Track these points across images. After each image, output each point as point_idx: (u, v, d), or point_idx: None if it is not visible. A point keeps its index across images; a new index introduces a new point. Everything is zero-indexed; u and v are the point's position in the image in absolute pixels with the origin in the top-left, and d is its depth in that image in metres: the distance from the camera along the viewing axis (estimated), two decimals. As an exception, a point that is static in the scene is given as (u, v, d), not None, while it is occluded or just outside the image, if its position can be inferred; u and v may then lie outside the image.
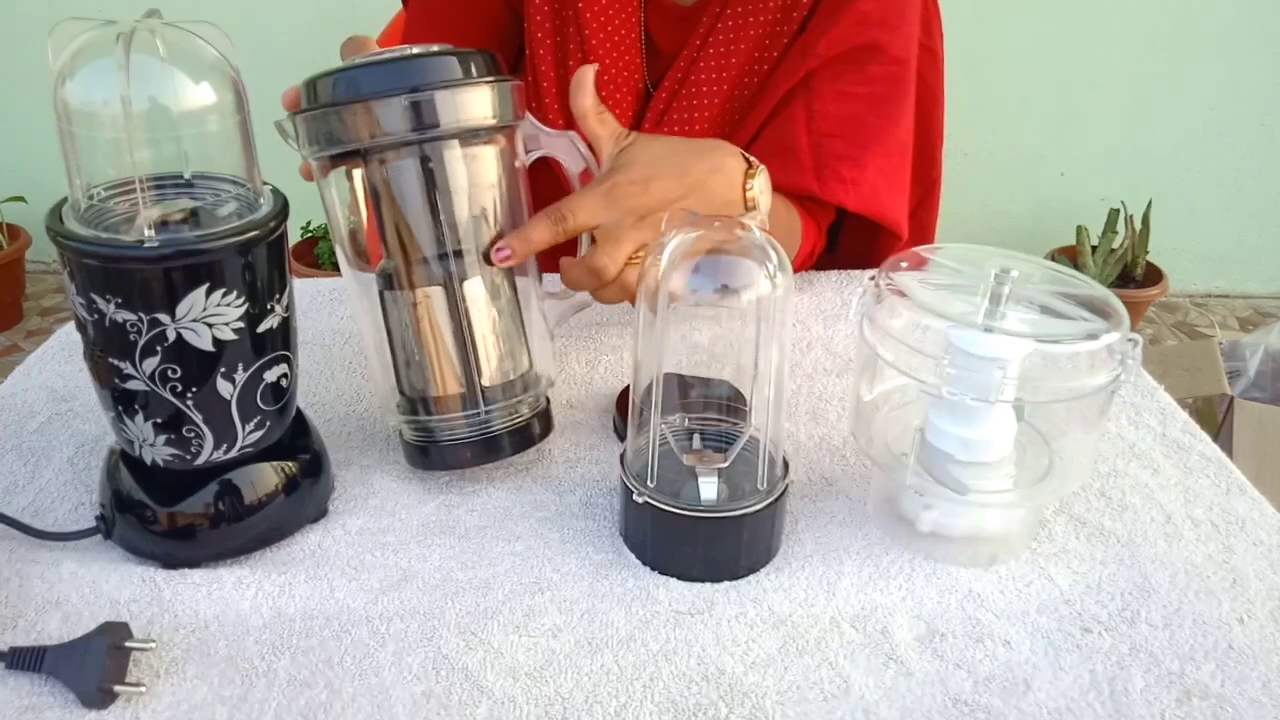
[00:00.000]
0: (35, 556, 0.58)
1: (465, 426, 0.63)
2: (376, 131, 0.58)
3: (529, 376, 0.66)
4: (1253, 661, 0.53)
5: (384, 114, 0.58)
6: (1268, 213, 2.53)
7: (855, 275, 0.94)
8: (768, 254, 0.55)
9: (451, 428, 0.63)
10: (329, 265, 2.27)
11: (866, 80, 0.88)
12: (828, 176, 0.87)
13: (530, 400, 0.65)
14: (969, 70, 2.32)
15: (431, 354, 0.63)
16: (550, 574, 0.58)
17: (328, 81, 0.59)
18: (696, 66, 0.91)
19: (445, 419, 0.63)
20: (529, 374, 0.66)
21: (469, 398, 0.63)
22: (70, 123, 0.51)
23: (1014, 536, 0.60)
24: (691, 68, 0.91)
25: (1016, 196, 2.55)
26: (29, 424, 0.72)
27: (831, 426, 0.72)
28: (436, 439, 0.64)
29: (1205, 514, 0.64)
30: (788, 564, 0.59)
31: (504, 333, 0.64)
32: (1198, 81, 2.39)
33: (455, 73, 0.59)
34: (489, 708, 0.50)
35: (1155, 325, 2.51)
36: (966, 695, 0.51)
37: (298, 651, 0.53)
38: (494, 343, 0.64)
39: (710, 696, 0.50)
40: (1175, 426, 0.73)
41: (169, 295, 0.51)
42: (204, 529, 0.57)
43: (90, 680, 0.49)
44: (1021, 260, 0.57)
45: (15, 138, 2.50)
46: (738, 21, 0.90)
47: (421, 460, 0.65)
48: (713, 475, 0.58)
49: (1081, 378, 0.54)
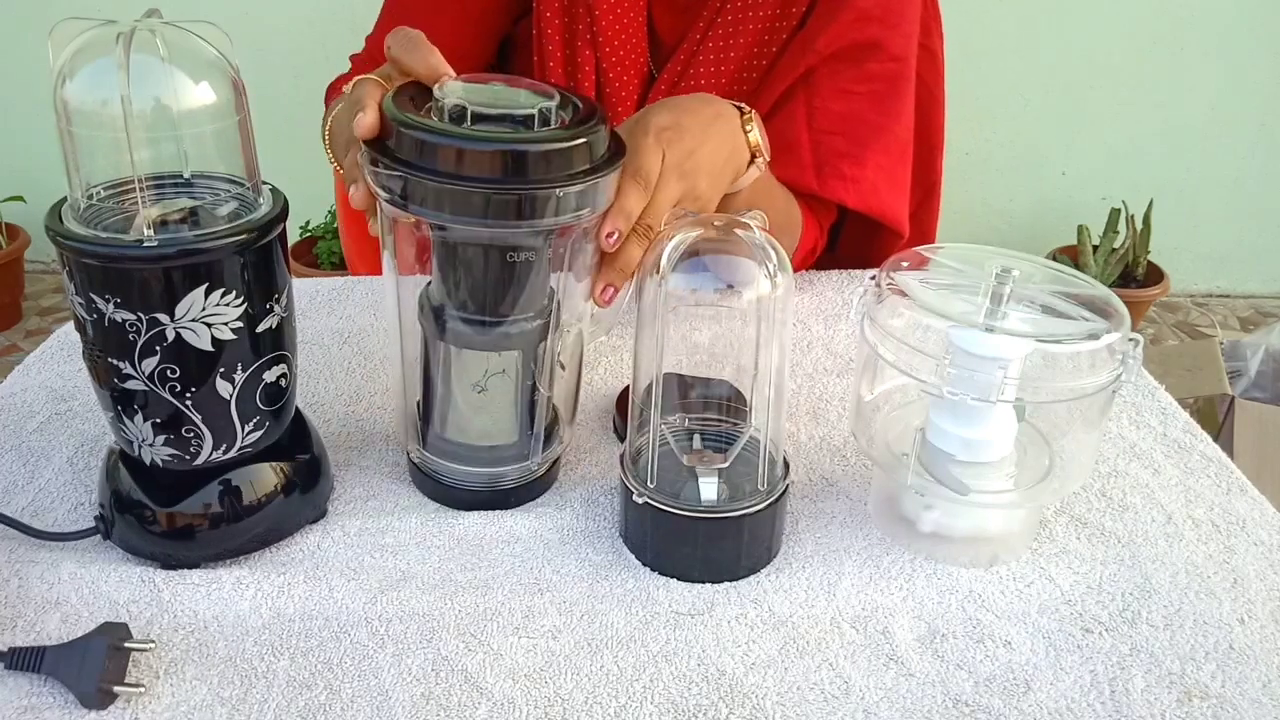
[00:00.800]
0: (35, 557, 0.58)
1: (481, 478, 0.63)
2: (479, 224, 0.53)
3: (554, 435, 0.65)
4: (1253, 662, 0.53)
5: (496, 210, 0.52)
6: (1269, 212, 2.53)
7: (856, 275, 0.94)
8: (768, 254, 0.55)
9: (466, 477, 0.63)
10: (329, 265, 2.27)
11: (866, 78, 0.88)
12: (828, 174, 0.87)
13: (549, 459, 0.65)
14: (970, 69, 2.32)
15: (464, 410, 0.62)
16: (550, 575, 0.58)
17: (449, 152, 0.51)
18: (696, 59, 0.91)
19: (463, 469, 0.63)
20: (555, 432, 0.65)
21: (494, 457, 0.63)
22: (70, 122, 0.51)
23: (1015, 537, 0.60)
24: (691, 60, 0.91)
25: (1017, 196, 2.55)
26: (28, 424, 0.72)
27: (832, 426, 0.72)
28: (442, 480, 0.63)
29: (1206, 514, 0.63)
30: (788, 564, 0.59)
31: (543, 401, 0.63)
32: (1198, 81, 2.38)
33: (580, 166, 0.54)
34: (488, 709, 0.50)
35: (1156, 325, 2.51)
36: (967, 696, 0.50)
37: (297, 653, 0.53)
38: (535, 410, 0.62)
39: (710, 698, 0.50)
40: (1176, 426, 0.72)
41: (168, 295, 0.50)
42: (203, 529, 0.57)
43: (89, 681, 0.49)
44: (1022, 260, 0.57)
45: (15, 137, 2.50)
46: (737, 15, 0.90)
47: (428, 488, 0.64)
48: (713, 475, 0.57)
49: (1082, 377, 0.54)
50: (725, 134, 0.69)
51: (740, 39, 0.90)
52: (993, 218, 2.56)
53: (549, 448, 0.64)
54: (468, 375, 0.61)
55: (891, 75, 0.89)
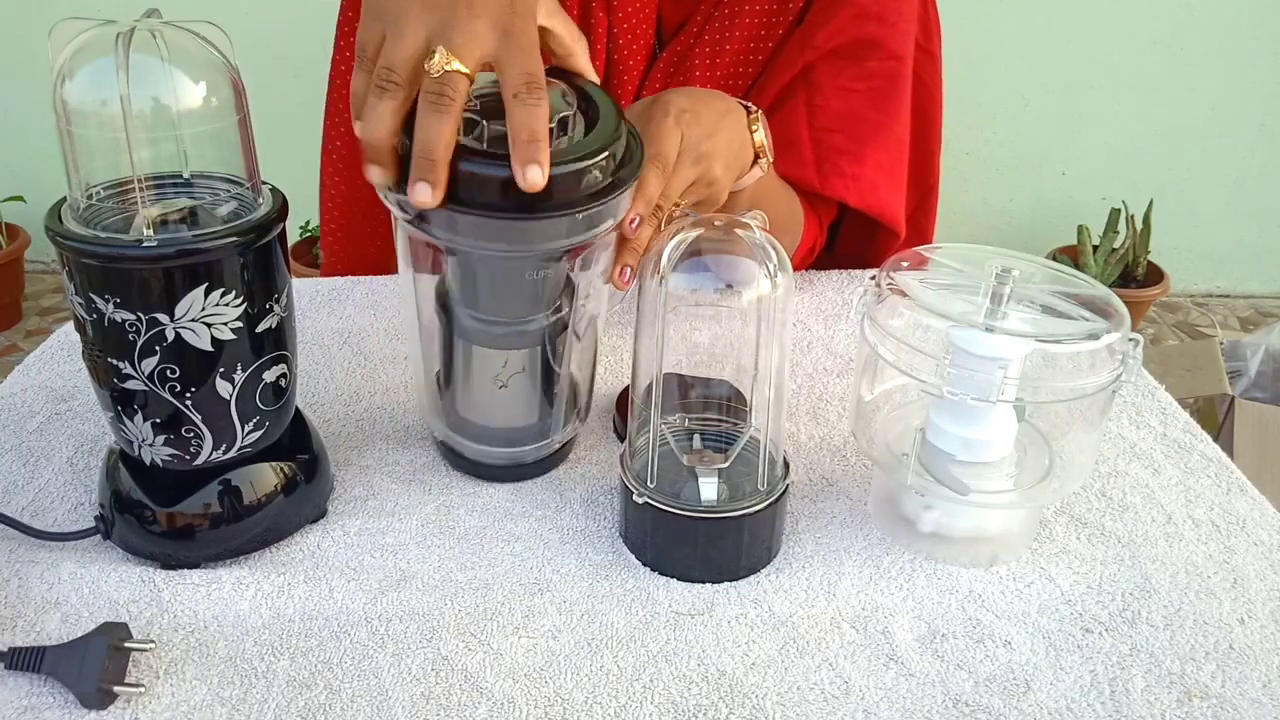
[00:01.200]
0: (35, 557, 0.58)
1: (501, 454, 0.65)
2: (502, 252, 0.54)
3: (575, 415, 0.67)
4: (1253, 662, 0.53)
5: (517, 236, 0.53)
6: (1268, 212, 2.53)
7: (855, 275, 0.94)
8: (768, 254, 0.55)
9: (489, 455, 0.65)
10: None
11: (866, 76, 0.88)
12: (828, 171, 0.87)
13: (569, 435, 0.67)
14: (970, 69, 2.32)
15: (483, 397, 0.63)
16: (550, 575, 0.58)
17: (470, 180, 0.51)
18: (693, 52, 0.91)
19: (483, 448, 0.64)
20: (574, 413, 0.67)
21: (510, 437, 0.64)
22: (69, 122, 0.51)
23: (1015, 537, 0.60)
24: (688, 52, 0.91)
25: (1017, 196, 2.55)
26: (28, 424, 0.72)
27: (832, 427, 0.72)
28: (465, 455, 0.65)
29: (1206, 514, 0.63)
30: (788, 565, 0.59)
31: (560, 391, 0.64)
32: (1198, 81, 2.39)
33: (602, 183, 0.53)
34: (488, 709, 0.50)
35: (1156, 325, 2.51)
36: (967, 696, 0.50)
37: (297, 652, 0.53)
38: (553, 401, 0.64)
39: (710, 698, 0.50)
40: (1176, 426, 0.72)
41: (168, 295, 0.50)
42: (203, 529, 0.57)
43: (89, 681, 0.49)
44: (1022, 260, 0.56)
45: (14, 137, 2.50)
46: (734, 9, 0.90)
47: (454, 461, 0.66)
48: (713, 475, 0.57)
49: (1082, 377, 0.54)
50: (735, 129, 0.69)
51: (736, 32, 0.90)
52: (993, 218, 2.56)
53: (568, 425, 0.66)
54: (488, 368, 0.62)
55: (891, 73, 0.89)
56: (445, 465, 0.67)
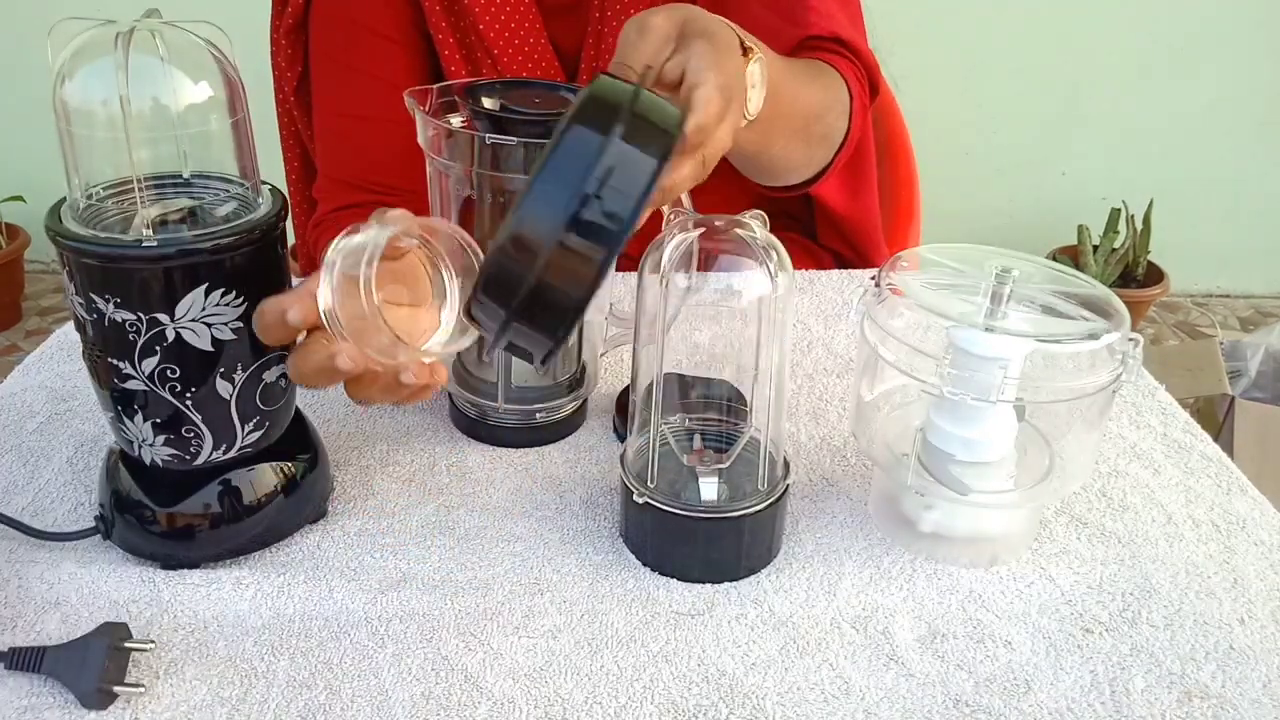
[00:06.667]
0: (35, 557, 0.58)
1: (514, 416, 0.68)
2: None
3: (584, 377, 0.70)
4: (1253, 662, 0.53)
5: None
6: (1268, 212, 2.53)
7: (855, 275, 0.94)
8: (768, 254, 0.55)
9: (501, 416, 0.69)
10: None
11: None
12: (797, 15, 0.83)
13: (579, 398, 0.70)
14: (970, 69, 2.32)
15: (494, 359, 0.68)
16: (550, 575, 0.58)
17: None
18: (600, 66, 0.88)
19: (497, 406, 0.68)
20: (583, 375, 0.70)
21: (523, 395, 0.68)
22: (69, 122, 0.51)
23: (1015, 537, 0.60)
24: (597, 67, 0.89)
25: (1017, 196, 2.54)
26: (28, 424, 0.72)
27: (832, 427, 0.72)
28: (486, 418, 0.69)
29: (1206, 514, 0.63)
30: (788, 565, 0.59)
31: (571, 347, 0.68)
32: (1198, 81, 2.38)
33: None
34: (488, 709, 0.50)
35: (1156, 325, 2.50)
36: (967, 696, 0.50)
37: (297, 653, 0.53)
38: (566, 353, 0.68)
39: (710, 698, 0.50)
40: (1176, 426, 0.72)
41: (168, 295, 0.50)
42: (203, 529, 0.57)
43: (89, 681, 0.49)
44: (1022, 260, 0.56)
45: (14, 137, 2.50)
46: (618, 15, 0.87)
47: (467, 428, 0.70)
48: (713, 476, 0.57)
49: (1082, 377, 0.54)
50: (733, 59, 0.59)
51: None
52: (993, 218, 2.55)
53: (581, 388, 0.70)
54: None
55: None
56: (445, 465, 0.67)
